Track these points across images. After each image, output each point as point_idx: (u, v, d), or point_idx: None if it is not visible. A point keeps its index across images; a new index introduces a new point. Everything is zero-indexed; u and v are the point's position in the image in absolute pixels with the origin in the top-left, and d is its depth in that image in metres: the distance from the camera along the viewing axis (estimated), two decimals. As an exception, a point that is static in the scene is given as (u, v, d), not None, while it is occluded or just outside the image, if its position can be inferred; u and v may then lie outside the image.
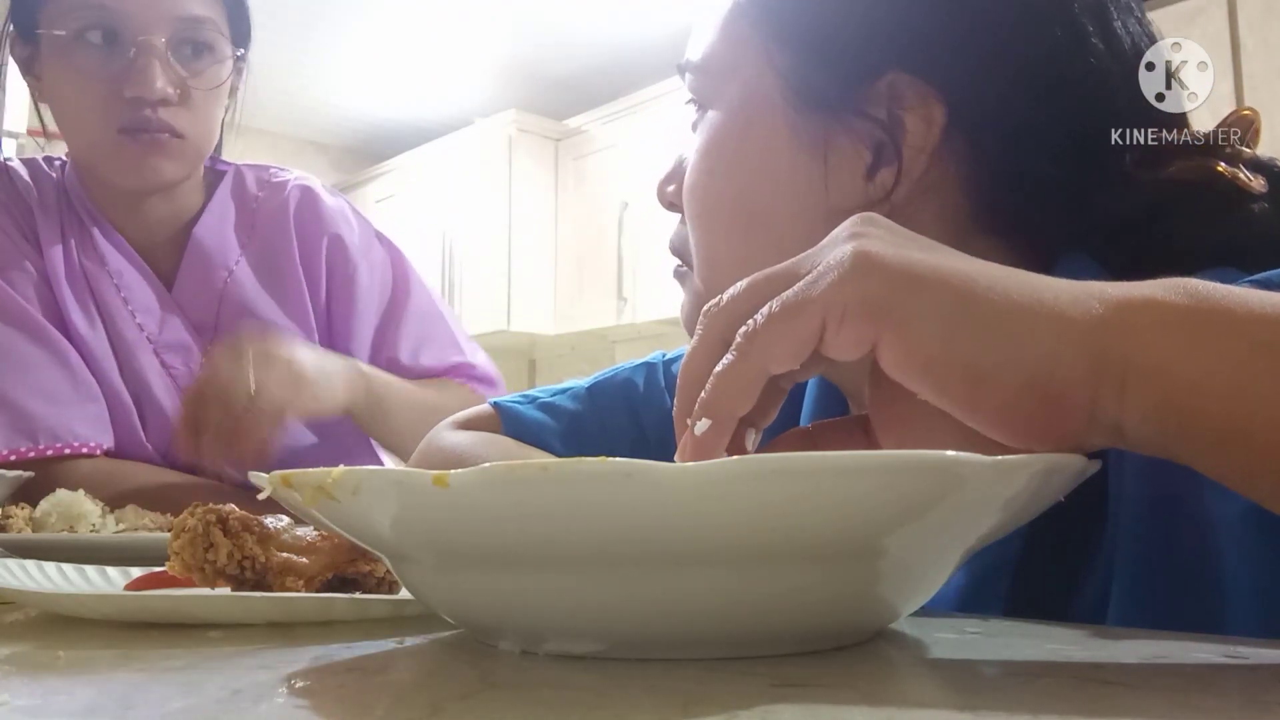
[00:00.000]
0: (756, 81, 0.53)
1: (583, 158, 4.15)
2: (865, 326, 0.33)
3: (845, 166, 0.51)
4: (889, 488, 0.28)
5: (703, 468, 0.26)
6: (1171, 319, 0.32)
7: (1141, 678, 0.28)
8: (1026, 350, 0.32)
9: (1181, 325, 0.32)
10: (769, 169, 0.53)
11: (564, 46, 3.87)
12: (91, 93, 0.97)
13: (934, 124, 0.49)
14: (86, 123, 0.99)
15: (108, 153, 0.99)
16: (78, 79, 0.97)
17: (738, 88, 0.54)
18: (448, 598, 0.33)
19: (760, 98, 0.53)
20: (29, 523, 0.71)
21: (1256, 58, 2.38)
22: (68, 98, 1.00)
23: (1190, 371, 0.31)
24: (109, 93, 0.96)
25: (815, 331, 0.33)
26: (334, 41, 3.81)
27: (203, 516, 0.41)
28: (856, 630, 0.33)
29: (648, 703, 0.25)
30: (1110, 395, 0.32)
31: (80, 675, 0.29)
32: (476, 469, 0.27)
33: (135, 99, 0.96)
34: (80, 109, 0.99)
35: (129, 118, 0.97)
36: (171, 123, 0.98)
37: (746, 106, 0.54)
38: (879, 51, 0.51)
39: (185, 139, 1.00)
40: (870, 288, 0.33)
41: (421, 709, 0.24)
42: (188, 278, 1.08)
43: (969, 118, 0.50)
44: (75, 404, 1.00)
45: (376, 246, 1.19)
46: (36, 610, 0.43)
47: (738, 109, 0.54)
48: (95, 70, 0.96)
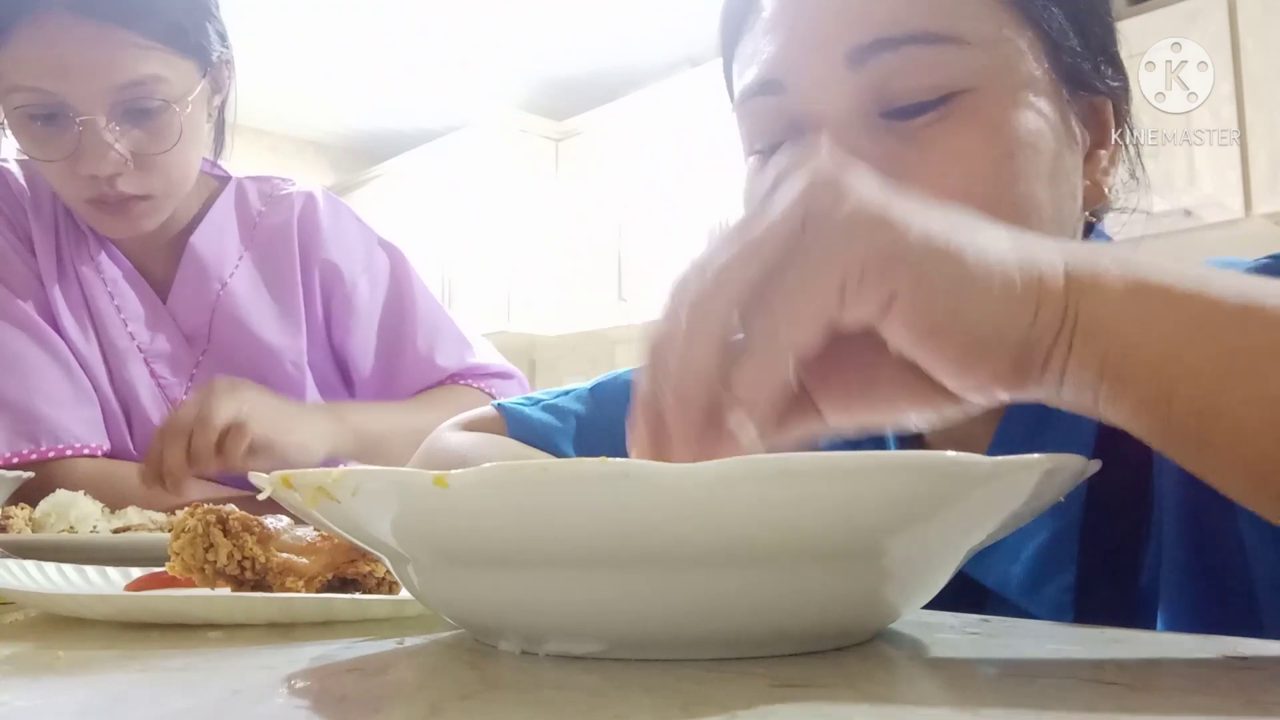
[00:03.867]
0: (1018, 57, 0.48)
1: (583, 158, 4.14)
2: (883, 286, 0.32)
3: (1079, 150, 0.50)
4: (889, 488, 0.28)
5: (703, 468, 0.26)
6: (1117, 288, 0.33)
7: (1141, 678, 0.28)
8: (1017, 319, 0.33)
9: (1125, 295, 0.33)
10: (1040, 155, 0.48)
11: (564, 46, 3.87)
12: (50, 168, 0.96)
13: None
14: (57, 188, 0.99)
15: (83, 214, 1.00)
16: (36, 152, 0.96)
17: (999, 65, 0.48)
18: (448, 598, 0.33)
19: (1025, 76, 0.48)
20: (29, 523, 0.71)
21: (1256, 58, 2.38)
22: (36, 164, 0.99)
23: (1129, 336, 0.33)
24: (66, 169, 0.95)
25: (836, 300, 0.32)
26: (334, 42, 3.81)
27: (203, 517, 0.41)
28: (857, 630, 0.33)
29: (648, 703, 0.25)
30: (1060, 354, 0.33)
31: (80, 675, 0.29)
32: (476, 469, 0.27)
33: (90, 177, 0.95)
34: (48, 176, 0.99)
35: (91, 193, 0.96)
36: (133, 191, 0.97)
37: (1015, 86, 0.48)
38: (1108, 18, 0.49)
39: (153, 197, 0.99)
40: (885, 244, 0.32)
41: (421, 709, 0.24)
42: (182, 287, 1.08)
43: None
44: (75, 407, 1.00)
45: (379, 254, 1.17)
46: (36, 610, 0.43)
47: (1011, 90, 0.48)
48: (45, 151, 0.95)
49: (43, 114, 0.93)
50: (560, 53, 3.93)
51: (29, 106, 0.93)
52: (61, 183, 0.97)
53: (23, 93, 0.93)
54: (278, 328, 1.09)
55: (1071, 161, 0.50)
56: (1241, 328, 0.32)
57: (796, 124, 0.51)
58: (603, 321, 3.98)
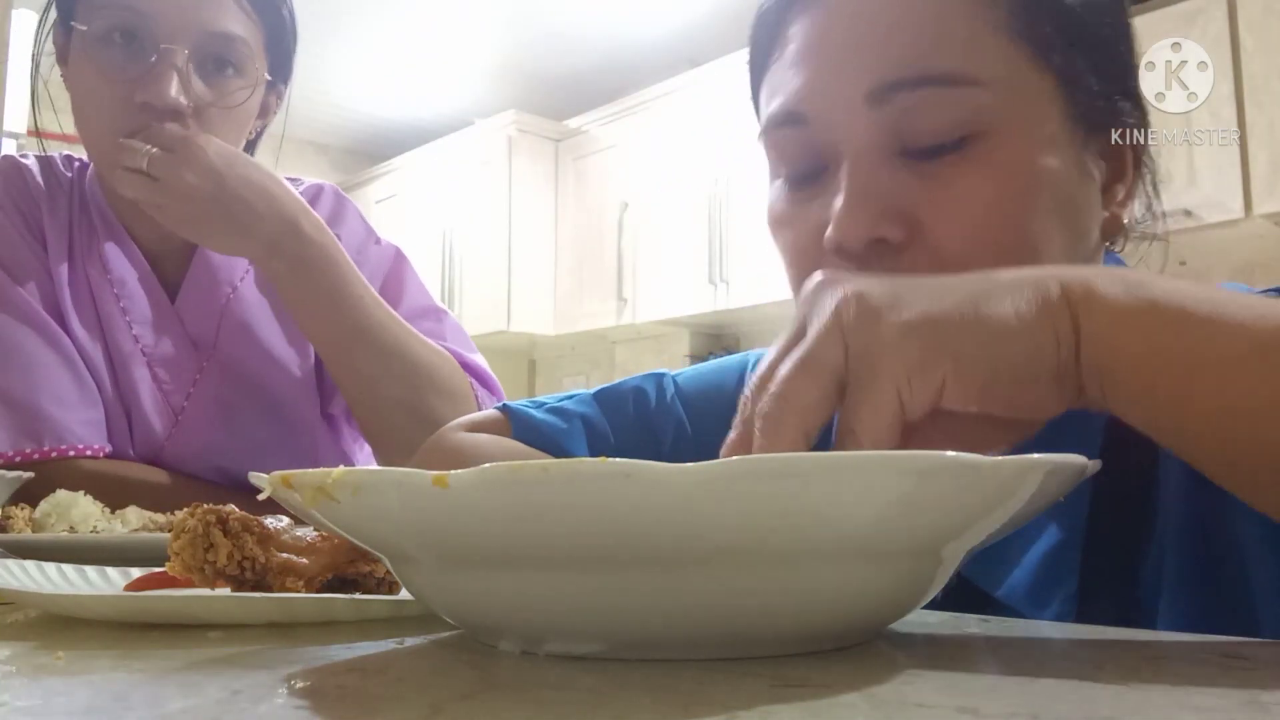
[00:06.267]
0: (1035, 100, 0.50)
1: (583, 158, 4.14)
2: (933, 379, 0.36)
3: (1096, 186, 0.52)
4: (889, 488, 0.28)
5: (703, 468, 0.26)
6: (1121, 306, 0.37)
7: (1141, 678, 0.28)
8: (1044, 347, 0.37)
9: (1128, 315, 0.37)
10: (1056, 193, 0.49)
11: (564, 46, 3.87)
12: (104, 93, 0.95)
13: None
14: (94, 123, 0.97)
15: (110, 155, 0.96)
16: (95, 77, 0.95)
17: (1016, 107, 0.49)
18: (448, 598, 0.33)
19: (1042, 118, 0.50)
20: (29, 523, 0.71)
21: (1256, 58, 2.38)
22: (83, 94, 0.98)
23: (1114, 338, 0.37)
24: (121, 96, 0.94)
25: (899, 408, 0.36)
26: (334, 42, 3.81)
27: (203, 517, 0.41)
28: (857, 630, 0.33)
29: (648, 703, 0.25)
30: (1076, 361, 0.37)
31: (80, 676, 0.29)
32: (476, 469, 0.27)
33: (145, 105, 0.93)
34: (91, 108, 0.97)
35: (135, 124, 0.94)
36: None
37: (1032, 129, 0.49)
38: (1129, 57, 0.51)
39: None
40: (922, 344, 0.36)
41: (421, 709, 0.24)
42: (191, 290, 1.07)
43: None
44: (80, 408, 0.99)
45: (373, 249, 1.14)
46: (36, 610, 0.43)
47: (1027, 130, 0.49)
48: (112, 71, 0.94)
49: (123, 30, 0.93)
50: (560, 53, 3.93)
51: (115, 23, 0.93)
52: (108, 114, 0.95)
53: (113, 9, 0.93)
54: (285, 336, 1.08)
55: (1089, 197, 0.51)
56: (1207, 335, 0.36)
57: (819, 154, 0.52)
58: (603, 321, 3.98)
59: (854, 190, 0.49)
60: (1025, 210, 0.48)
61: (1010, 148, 0.48)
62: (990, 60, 0.49)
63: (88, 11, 0.94)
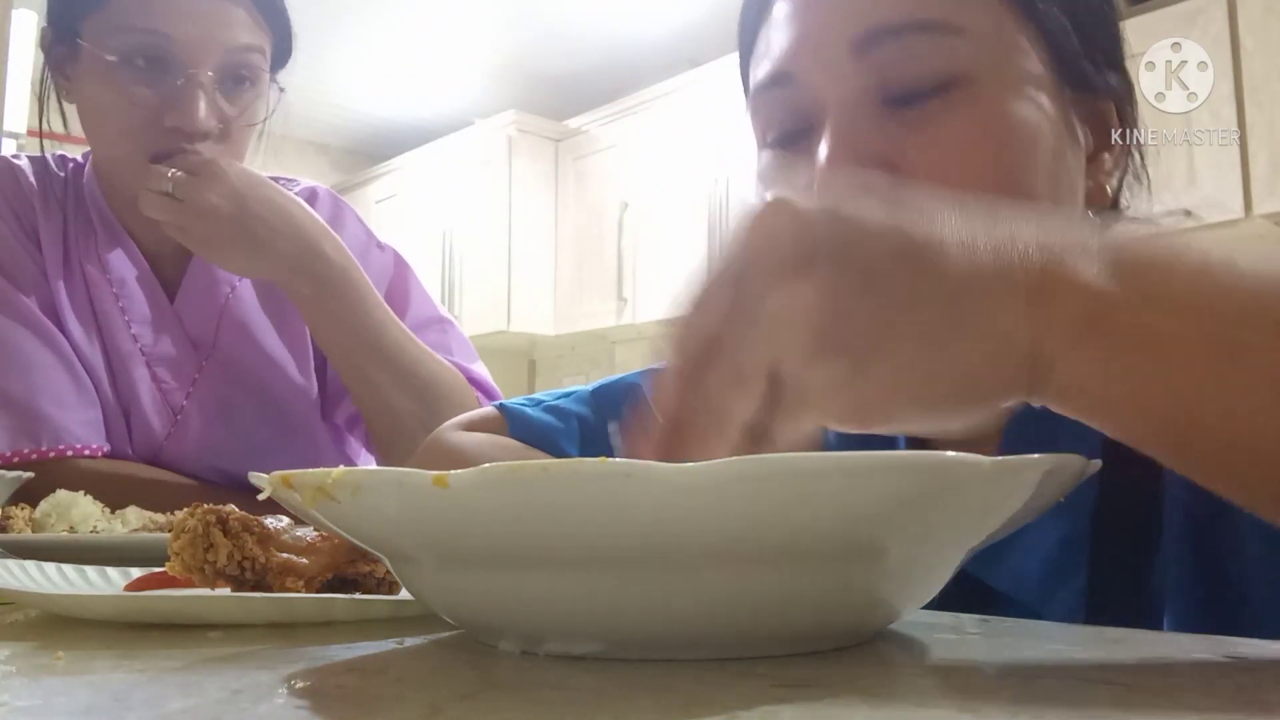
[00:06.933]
0: (1018, 52, 0.50)
1: (583, 158, 4.14)
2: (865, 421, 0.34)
3: (1081, 151, 0.51)
4: (889, 488, 0.28)
5: (703, 468, 0.26)
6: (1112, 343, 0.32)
7: (1141, 678, 0.28)
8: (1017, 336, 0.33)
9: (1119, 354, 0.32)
10: (1038, 148, 0.49)
11: (564, 46, 3.87)
12: (129, 116, 0.94)
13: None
14: (118, 144, 0.97)
15: (135, 177, 0.96)
16: (117, 100, 0.94)
17: (999, 57, 0.49)
18: (448, 598, 0.33)
19: (1025, 70, 0.49)
20: (29, 523, 0.71)
21: (1256, 58, 2.38)
22: (102, 114, 0.97)
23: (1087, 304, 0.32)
24: (147, 119, 0.93)
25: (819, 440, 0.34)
26: (334, 42, 3.81)
27: (203, 517, 0.41)
28: (857, 630, 0.33)
29: (648, 703, 0.25)
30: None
31: (80, 676, 0.29)
32: (476, 469, 0.27)
33: (174, 130, 0.93)
34: (115, 130, 0.96)
35: (163, 147, 0.94)
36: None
37: (1015, 79, 0.49)
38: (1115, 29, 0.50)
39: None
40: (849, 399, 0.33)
41: (421, 709, 0.24)
42: (190, 289, 1.06)
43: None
44: (78, 408, 0.99)
45: (376, 254, 1.15)
46: (36, 610, 0.43)
47: (1010, 79, 0.49)
48: (137, 95, 0.93)
49: (151, 56, 0.93)
50: (560, 53, 3.93)
51: (138, 48, 0.92)
52: (134, 137, 0.94)
53: (135, 33, 0.92)
54: (283, 337, 1.08)
55: (1073, 161, 0.51)
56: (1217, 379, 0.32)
57: (805, 114, 0.52)
58: (603, 321, 3.98)
59: (837, 139, 0.49)
60: (1008, 160, 0.48)
61: (993, 95, 0.49)
62: (974, 10, 0.50)
63: (105, 32, 0.94)
